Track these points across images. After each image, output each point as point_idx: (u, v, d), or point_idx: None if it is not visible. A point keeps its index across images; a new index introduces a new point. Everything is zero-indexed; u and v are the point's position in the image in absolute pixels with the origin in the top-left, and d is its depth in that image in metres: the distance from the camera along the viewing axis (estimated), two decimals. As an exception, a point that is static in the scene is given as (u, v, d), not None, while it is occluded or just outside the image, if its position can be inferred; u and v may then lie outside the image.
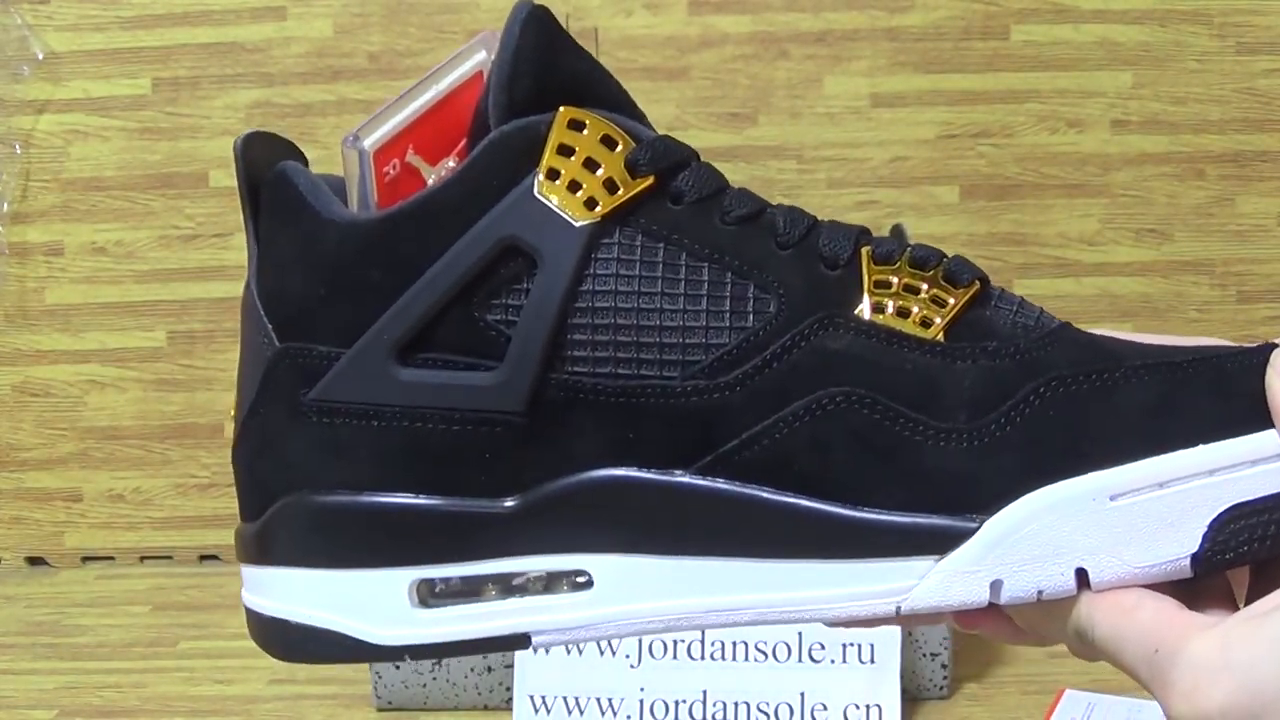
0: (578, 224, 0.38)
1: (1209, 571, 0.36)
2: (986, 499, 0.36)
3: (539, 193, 0.38)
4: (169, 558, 1.09)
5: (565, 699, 0.77)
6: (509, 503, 0.38)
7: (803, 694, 0.76)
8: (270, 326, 0.40)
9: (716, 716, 0.76)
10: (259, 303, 0.41)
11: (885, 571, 0.37)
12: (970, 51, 1.03)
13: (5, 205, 1.05)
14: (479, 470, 0.38)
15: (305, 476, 0.39)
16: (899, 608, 0.37)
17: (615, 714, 0.77)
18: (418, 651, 0.39)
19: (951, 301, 0.38)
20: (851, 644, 0.76)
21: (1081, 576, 0.36)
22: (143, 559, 1.09)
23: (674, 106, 1.04)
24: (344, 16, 1.03)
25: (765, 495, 0.37)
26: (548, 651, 0.77)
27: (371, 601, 0.38)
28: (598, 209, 0.38)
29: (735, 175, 0.45)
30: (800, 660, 0.76)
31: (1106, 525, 0.35)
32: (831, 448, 0.37)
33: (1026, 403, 0.36)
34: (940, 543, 0.36)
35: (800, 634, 0.77)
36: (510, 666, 0.79)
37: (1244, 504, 0.35)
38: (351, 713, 0.82)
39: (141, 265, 1.06)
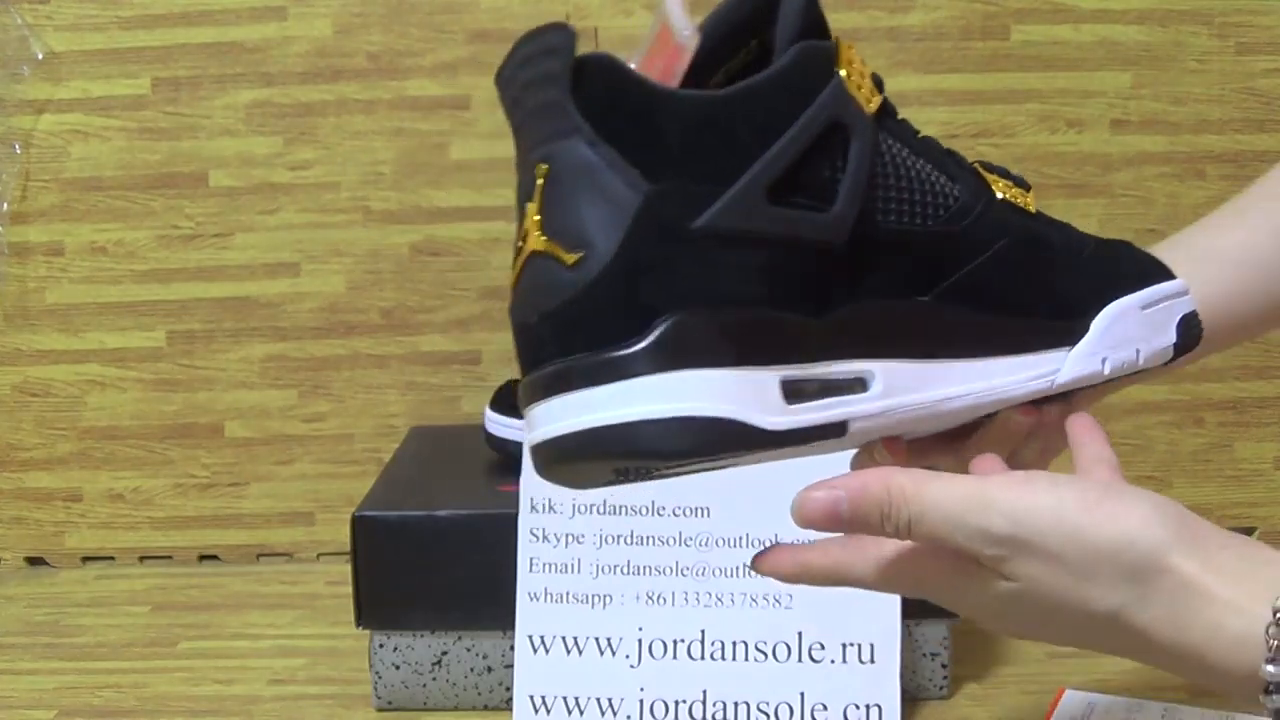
0: (867, 112, 0.50)
1: (1179, 354, 0.58)
2: (1089, 308, 0.55)
3: (847, 89, 0.50)
4: (169, 558, 1.09)
5: (565, 699, 0.77)
6: (826, 317, 0.49)
7: (803, 694, 0.76)
8: (637, 171, 0.47)
9: (716, 716, 0.76)
10: (609, 153, 0.47)
11: (1044, 360, 0.54)
12: (970, 51, 1.03)
13: (5, 205, 1.05)
14: (811, 289, 0.49)
15: (696, 292, 0.47)
16: (1053, 382, 0.55)
17: (615, 714, 0.77)
18: (785, 437, 0.48)
19: (1027, 193, 0.56)
20: (851, 644, 0.76)
21: (1138, 354, 0.57)
22: (143, 559, 1.09)
23: (674, 106, 1.04)
24: (344, 16, 1.03)
25: (971, 312, 0.53)
26: (547, 652, 0.77)
27: (759, 395, 0.47)
28: (871, 106, 0.51)
29: (735, 175, 0.48)
30: (800, 660, 0.76)
31: (1144, 324, 0.57)
32: (1007, 276, 0.54)
33: (1092, 250, 0.57)
34: (1072, 337, 0.55)
35: (800, 634, 0.77)
36: (510, 667, 0.79)
37: (1187, 314, 0.58)
38: (351, 713, 0.82)
39: (141, 265, 1.06)
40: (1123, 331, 0.56)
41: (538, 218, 0.47)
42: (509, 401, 0.89)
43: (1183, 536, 0.46)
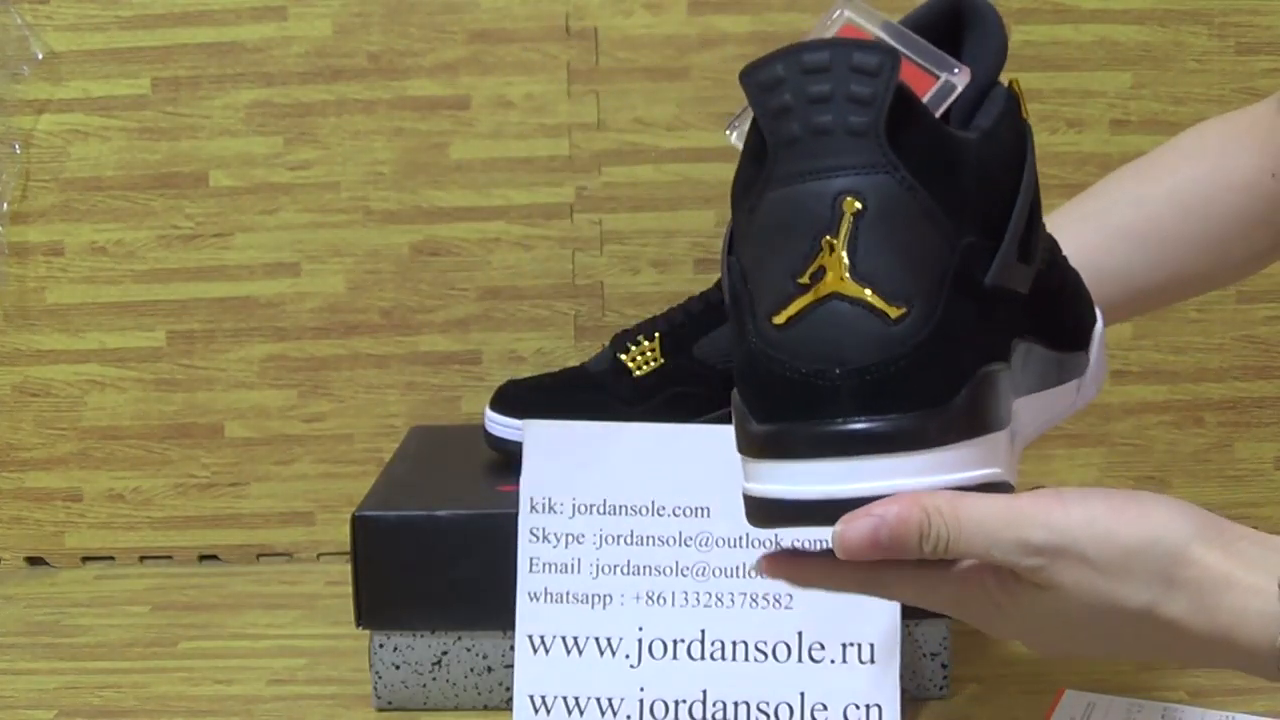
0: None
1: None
2: (1086, 339, 0.61)
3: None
4: (169, 558, 1.09)
5: (565, 699, 0.77)
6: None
7: (803, 694, 0.76)
8: (950, 222, 0.46)
9: (716, 716, 0.76)
10: (926, 200, 0.45)
11: (1072, 387, 0.59)
12: (970, 51, 1.03)
13: (5, 205, 1.05)
14: (1009, 341, 0.50)
15: (987, 351, 0.48)
16: (1074, 405, 0.60)
17: (615, 714, 0.77)
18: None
19: None
20: (851, 644, 0.76)
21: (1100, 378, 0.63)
22: (142, 559, 1.09)
23: (674, 106, 1.04)
24: (344, 16, 1.03)
25: (1052, 352, 0.56)
26: (547, 652, 0.77)
27: (1009, 452, 0.50)
28: None
29: (736, 176, 0.48)
30: (800, 660, 0.76)
31: (1099, 363, 0.63)
32: (1066, 313, 0.58)
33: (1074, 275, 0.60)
34: (1081, 368, 0.60)
35: (800, 634, 0.77)
36: (510, 667, 0.79)
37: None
38: (351, 713, 0.82)
39: (141, 265, 1.06)
40: (1100, 354, 0.61)
41: (845, 257, 0.44)
42: (509, 401, 0.89)
43: (1204, 531, 0.49)
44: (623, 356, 0.88)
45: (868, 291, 0.44)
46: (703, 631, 0.77)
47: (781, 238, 0.45)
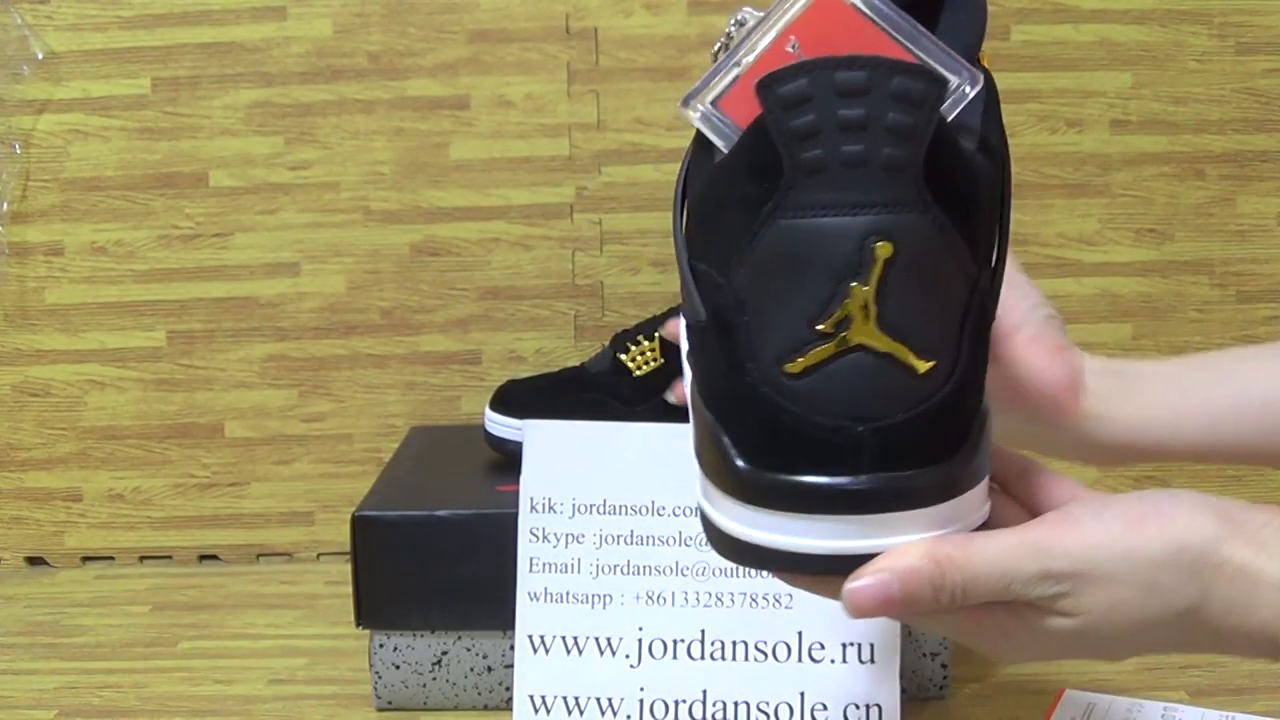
0: None
1: None
2: None
3: None
4: (169, 558, 1.09)
5: (565, 699, 0.77)
6: None
7: (803, 694, 0.76)
8: (971, 261, 0.43)
9: (716, 716, 0.76)
10: (956, 241, 0.42)
11: None
12: (970, 51, 1.03)
13: (5, 205, 1.05)
14: None
15: (983, 387, 0.46)
16: None
17: (615, 714, 0.77)
18: None
19: None
20: (851, 644, 0.76)
21: None
22: (142, 559, 1.09)
23: (674, 106, 1.04)
24: (344, 16, 1.03)
25: None
26: (547, 652, 0.77)
27: None
28: None
29: (735, 175, 0.46)
30: (800, 660, 0.76)
31: None
32: None
33: None
34: None
35: (800, 634, 0.77)
36: (510, 667, 0.79)
37: None
38: (351, 713, 0.82)
39: (141, 265, 1.06)
40: None
41: (873, 305, 0.41)
42: (509, 401, 0.89)
43: (1227, 528, 0.47)
44: (623, 356, 0.88)
45: (899, 347, 0.41)
46: (703, 631, 0.77)
47: (795, 274, 0.41)
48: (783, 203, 0.41)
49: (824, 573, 0.44)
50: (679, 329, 0.52)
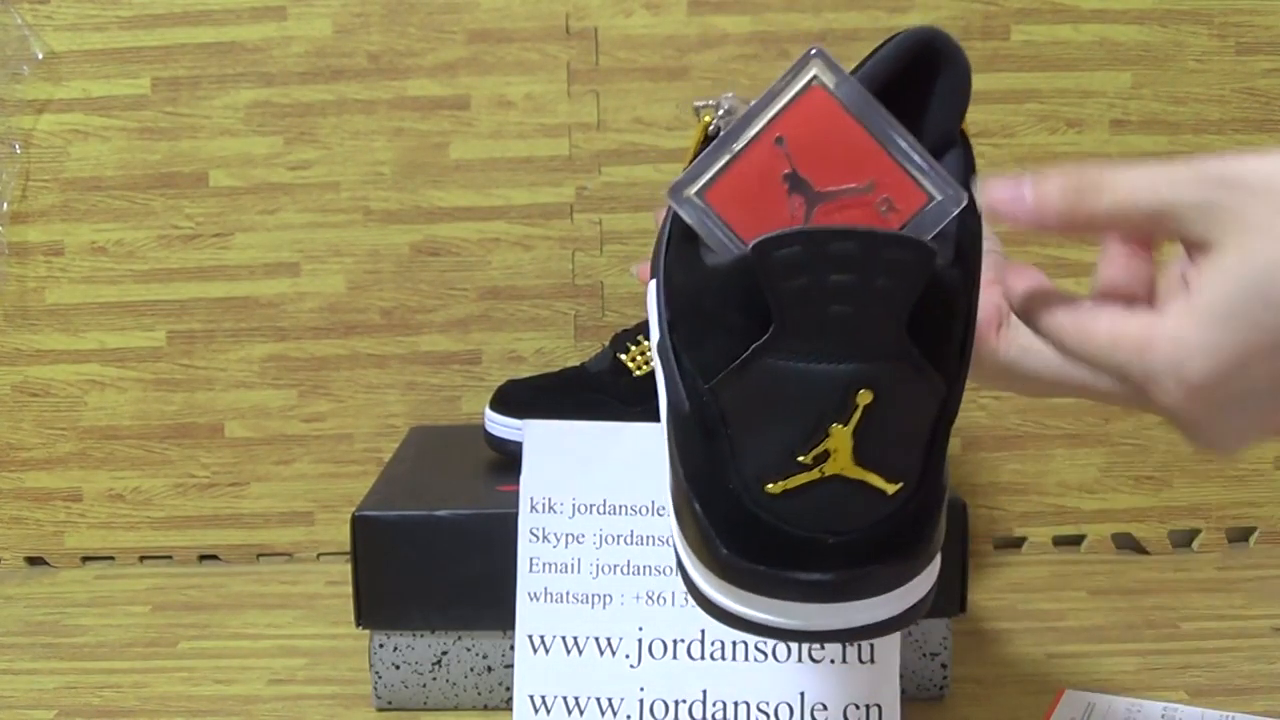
0: None
1: None
2: None
3: None
4: (169, 558, 1.09)
5: (565, 699, 0.77)
6: None
7: (803, 694, 0.76)
8: (940, 382, 0.45)
9: (716, 716, 0.76)
10: (935, 380, 0.44)
11: None
12: (970, 51, 1.02)
13: (5, 205, 1.05)
14: None
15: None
16: None
17: (615, 714, 0.77)
18: None
19: None
20: (851, 644, 0.76)
21: None
22: (142, 559, 1.09)
23: (674, 106, 1.04)
24: (344, 16, 1.03)
25: None
26: (547, 652, 0.77)
27: None
28: None
29: (735, 175, 0.47)
30: (800, 660, 0.76)
31: None
32: None
33: None
34: None
35: (800, 634, 0.77)
36: (510, 667, 0.79)
37: None
38: (351, 713, 0.82)
39: (141, 265, 1.06)
40: None
41: (850, 444, 0.44)
42: (509, 401, 0.89)
43: None
44: (622, 356, 0.88)
45: (872, 475, 0.44)
46: (703, 631, 0.77)
47: (779, 409, 0.44)
48: (771, 346, 0.43)
49: (799, 641, 0.48)
50: (645, 272, 0.56)
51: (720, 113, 0.47)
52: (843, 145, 0.45)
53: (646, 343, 0.87)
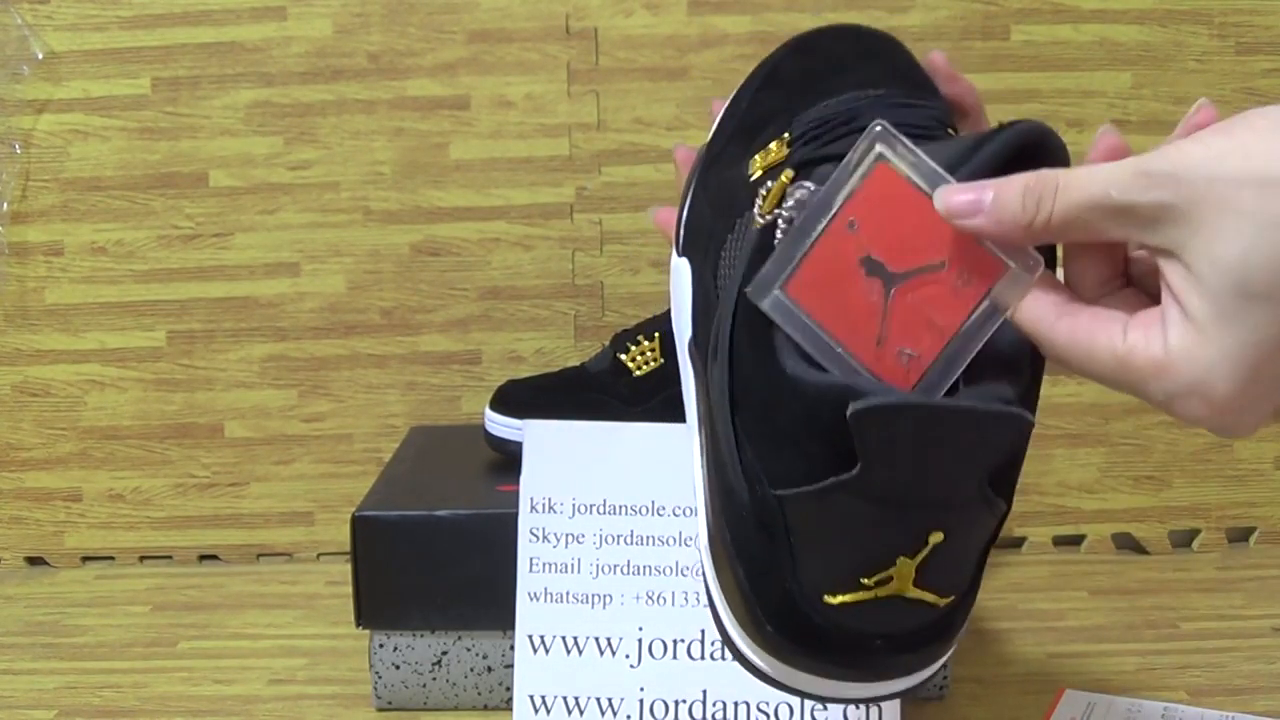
0: None
1: None
2: None
3: None
4: (169, 558, 1.09)
5: (565, 699, 0.77)
6: None
7: (803, 694, 0.76)
8: (1001, 502, 0.46)
9: (716, 716, 0.76)
10: (1000, 509, 0.46)
11: None
12: (970, 51, 1.03)
13: (5, 205, 1.05)
14: None
15: None
16: None
17: (615, 714, 0.77)
18: None
19: None
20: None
21: None
22: (142, 559, 1.09)
23: (674, 106, 1.04)
24: (344, 16, 1.03)
25: None
26: (547, 652, 0.77)
27: None
28: None
29: (735, 175, 0.46)
30: (800, 660, 0.76)
31: None
32: None
33: None
34: None
35: (800, 634, 0.77)
36: (510, 667, 0.79)
37: None
38: (351, 713, 0.82)
39: (141, 265, 1.06)
40: None
41: (914, 573, 0.45)
42: (509, 401, 0.89)
43: None
44: (622, 356, 0.88)
45: (929, 594, 0.45)
46: (703, 631, 0.77)
47: (850, 538, 0.45)
48: (853, 486, 0.43)
49: (834, 704, 0.51)
50: (669, 221, 0.57)
51: (789, 203, 0.48)
52: (914, 221, 0.45)
53: (647, 343, 0.87)
